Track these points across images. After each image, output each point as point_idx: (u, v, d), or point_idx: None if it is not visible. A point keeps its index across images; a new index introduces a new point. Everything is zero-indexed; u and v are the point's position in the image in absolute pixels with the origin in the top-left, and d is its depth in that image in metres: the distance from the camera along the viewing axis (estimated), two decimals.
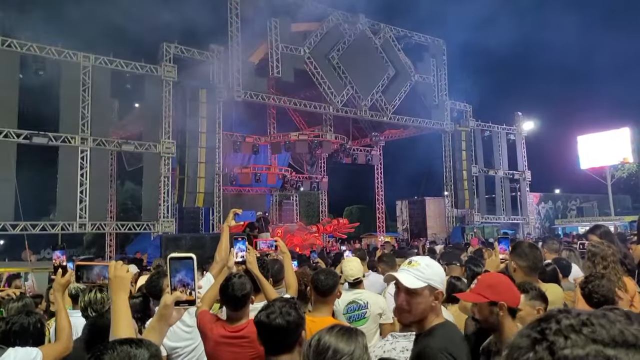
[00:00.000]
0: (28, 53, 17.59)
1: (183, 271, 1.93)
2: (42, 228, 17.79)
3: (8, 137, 16.91)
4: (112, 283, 2.09)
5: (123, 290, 2.09)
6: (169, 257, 1.95)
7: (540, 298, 3.13)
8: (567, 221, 34.72)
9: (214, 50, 21.50)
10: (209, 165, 20.99)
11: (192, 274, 1.94)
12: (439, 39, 29.10)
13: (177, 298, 1.91)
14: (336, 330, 1.99)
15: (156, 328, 1.98)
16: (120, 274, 2.09)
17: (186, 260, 1.94)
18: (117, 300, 2.06)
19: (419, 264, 2.36)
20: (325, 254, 16.32)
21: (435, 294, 2.33)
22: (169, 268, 1.94)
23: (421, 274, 2.30)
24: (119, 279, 2.08)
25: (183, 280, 1.93)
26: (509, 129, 31.81)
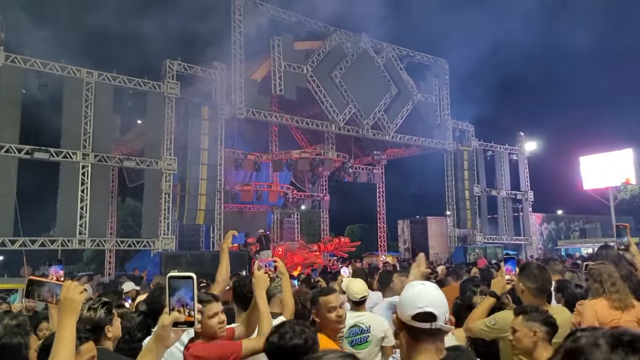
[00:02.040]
0: (31, 68, 17.64)
1: (182, 291, 1.86)
2: (41, 244, 17.67)
3: (9, 152, 16.88)
4: (62, 305, 1.97)
5: (71, 314, 1.97)
6: (168, 276, 1.88)
7: (540, 320, 3.03)
8: (570, 242, 34.54)
9: (217, 67, 21.56)
10: (210, 182, 20.92)
11: (192, 294, 1.86)
12: (441, 58, 29.24)
13: (176, 319, 1.83)
14: (338, 355, 1.89)
15: (153, 349, 1.90)
16: (72, 295, 1.97)
17: (186, 280, 1.86)
18: (62, 323, 1.95)
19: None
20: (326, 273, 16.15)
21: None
22: (167, 288, 1.87)
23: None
24: (69, 301, 1.96)
25: (182, 300, 1.85)
26: (512, 149, 31.79)
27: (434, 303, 2.09)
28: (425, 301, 2.08)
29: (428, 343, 2.08)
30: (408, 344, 2.14)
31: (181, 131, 20.74)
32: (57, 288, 2.08)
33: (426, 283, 2.29)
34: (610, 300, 4.02)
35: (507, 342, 3.37)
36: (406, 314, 2.08)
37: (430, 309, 2.06)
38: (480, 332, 3.61)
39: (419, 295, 2.11)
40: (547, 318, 3.05)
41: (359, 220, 45.87)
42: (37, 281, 2.18)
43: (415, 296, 2.12)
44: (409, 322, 2.08)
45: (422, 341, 2.08)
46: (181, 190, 20.71)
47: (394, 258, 27.78)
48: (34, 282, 2.18)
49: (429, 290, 2.17)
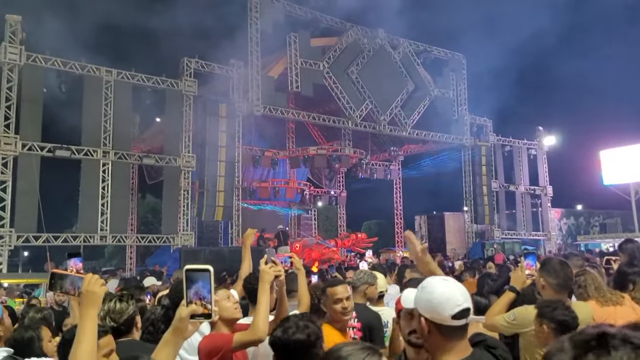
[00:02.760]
0: (52, 68, 17.92)
1: (200, 283, 1.90)
2: (64, 240, 17.97)
3: (32, 150, 17.17)
4: (83, 297, 1.99)
5: (93, 307, 1.99)
6: (185, 269, 1.92)
7: (548, 316, 3.03)
8: (589, 237, 34.08)
9: (234, 65, 21.67)
10: (228, 179, 21.07)
11: (209, 287, 1.90)
12: (458, 53, 29.04)
13: (193, 311, 1.87)
14: (359, 345, 1.91)
15: (171, 341, 1.93)
16: (93, 289, 2.00)
17: (203, 273, 1.90)
18: (84, 316, 1.97)
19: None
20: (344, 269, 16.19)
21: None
22: (184, 280, 1.90)
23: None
24: (90, 294, 1.99)
25: (199, 293, 1.89)
26: (530, 143, 31.50)
27: (468, 298, 2.05)
28: (462, 297, 2.02)
29: (458, 340, 2.04)
30: (438, 344, 2.05)
31: (199, 128, 20.89)
32: (79, 281, 2.09)
33: (448, 279, 2.22)
34: (598, 301, 4.09)
35: (527, 337, 3.39)
36: (445, 314, 1.99)
37: (467, 305, 2.01)
38: (500, 327, 3.63)
39: (454, 294, 2.04)
40: (556, 314, 3.01)
41: (376, 216, 45.82)
42: (60, 274, 2.19)
43: (450, 295, 2.03)
44: (447, 322, 1.99)
45: (453, 339, 2.03)
46: (199, 187, 20.89)
47: None
48: (56, 275, 2.19)
49: (458, 285, 2.11)
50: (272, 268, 3.16)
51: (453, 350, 2.03)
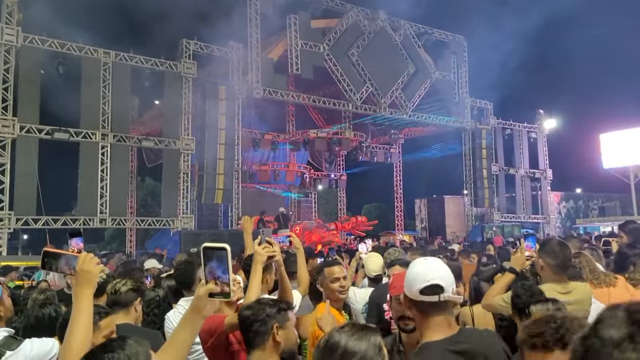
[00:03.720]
0: (49, 49, 17.77)
1: (216, 262, 1.87)
2: (63, 223, 17.97)
3: (30, 133, 17.10)
4: (78, 277, 1.97)
5: (88, 286, 1.98)
6: (202, 247, 1.89)
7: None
8: (588, 221, 34.14)
9: (233, 46, 21.50)
10: (228, 162, 21.03)
11: (226, 266, 1.87)
12: (459, 35, 28.82)
13: (211, 290, 1.85)
14: (347, 328, 1.90)
15: (189, 320, 1.91)
16: (88, 268, 1.98)
17: (219, 252, 1.88)
18: (79, 295, 1.96)
19: None
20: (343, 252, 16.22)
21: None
22: (202, 258, 1.87)
23: None
24: (85, 273, 1.97)
25: (216, 272, 1.87)
26: (531, 127, 31.41)
27: (440, 275, 2.16)
28: (431, 275, 2.15)
29: (438, 316, 2.14)
30: (419, 321, 2.20)
31: (198, 111, 20.80)
32: (74, 260, 2.04)
33: (429, 258, 2.36)
34: (592, 283, 4.14)
35: None
36: (414, 290, 2.15)
37: (437, 281, 2.13)
38: (498, 307, 3.63)
39: (425, 270, 2.19)
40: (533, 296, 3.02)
41: (376, 200, 45.84)
42: (53, 253, 2.12)
43: (421, 272, 2.19)
44: (418, 297, 2.14)
45: (432, 315, 2.14)
46: (199, 170, 20.87)
47: (411, 237, 27.80)
48: (49, 254, 2.12)
49: (433, 264, 2.24)
50: (266, 249, 3.15)
51: (434, 327, 2.14)
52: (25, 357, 2.82)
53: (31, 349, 2.86)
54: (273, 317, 2.42)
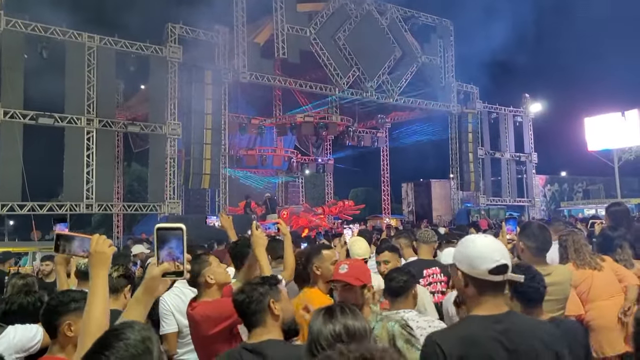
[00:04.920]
0: (33, 33, 17.53)
1: (172, 242, 1.86)
2: (49, 209, 17.87)
3: (14, 118, 16.92)
4: (92, 258, 1.98)
5: (102, 267, 1.98)
6: (156, 228, 1.87)
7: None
8: (572, 203, 34.60)
9: (219, 31, 21.33)
10: (215, 146, 20.97)
11: (182, 245, 1.87)
12: (446, 19, 28.81)
13: (166, 269, 1.85)
14: (337, 310, 1.96)
15: (141, 300, 1.91)
16: (102, 249, 1.98)
17: (175, 231, 1.87)
18: (95, 277, 1.96)
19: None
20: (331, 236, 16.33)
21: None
22: (156, 239, 1.86)
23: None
24: (99, 255, 1.97)
25: (172, 252, 1.86)
26: (516, 111, 31.58)
27: (505, 255, 2.11)
28: (499, 254, 2.07)
29: (494, 296, 2.09)
30: (472, 298, 2.12)
31: (185, 96, 20.68)
32: (87, 242, 2.04)
33: (488, 236, 2.28)
34: (575, 263, 4.34)
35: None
36: (482, 267, 2.05)
37: (504, 261, 2.07)
38: None
39: (493, 248, 2.10)
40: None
41: (363, 184, 46.00)
42: (65, 236, 2.09)
43: (489, 249, 2.09)
44: (485, 276, 2.05)
45: (487, 294, 2.08)
46: (186, 155, 20.81)
47: (398, 221, 27.98)
48: (61, 236, 2.08)
49: (496, 242, 2.17)
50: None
51: (487, 304, 2.08)
52: (8, 344, 2.83)
53: (14, 335, 2.88)
54: (267, 294, 2.48)
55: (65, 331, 2.50)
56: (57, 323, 2.53)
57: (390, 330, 2.81)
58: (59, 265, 3.22)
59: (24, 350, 2.91)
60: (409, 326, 2.84)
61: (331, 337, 1.90)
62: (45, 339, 2.90)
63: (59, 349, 2.55)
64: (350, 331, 1.89)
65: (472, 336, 2.00)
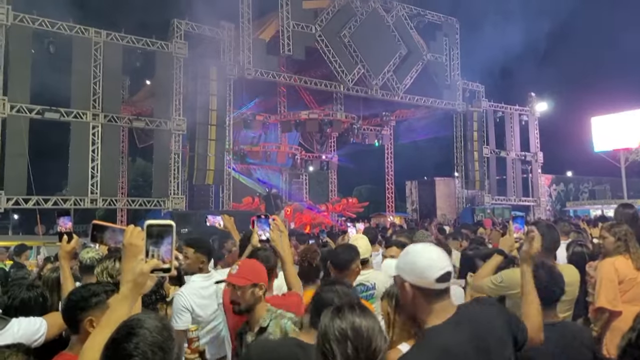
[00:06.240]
0: (40, 28, 17.57)
1: (161, 239, 1.85)
2: (54, 203, 17.91)
3: (20, 112, 16.97)
4: (125, 250, 1.95)
5: (134, 259, 1.93)
6: (146, 225, 1.85)
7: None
8: (578, 204, 34.42)
9: (225, 27, 21.33)
10: (219, 142, 20.97)
11: (171, 242, 1.86)
12: (452, 17, 28.71)
13: (155, 266, 1.84)
14: (346, 308, 1.93)
15: (129, 296, 1.87)
16: (135, 241, 1.94)
17: (165, 228, 1.86)
18: (125, 268, 1.94)
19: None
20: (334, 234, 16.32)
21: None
22: (146, 235, 1.85)
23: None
24: (132, 247, 1.94)
25: (160, 248, 1.85)
26: (522, 110, 31.48)
27: (449, 262, 2.13)
28: (444, 261, 2.10)
29: (442, 302, 2.11)
30: (423, 309, 2.12)
31: (190, 91, 20.68)
32: (120, 233, 2.03)
33: (431, 244, 2.29)
34: (631, 259, 4.03)
35: (513, 299, 3.45)
36: (429, 278, 2.06)
37: (449, 268, 2.10)
38: (486, 289, 3.69)
39: (438, 257, 2.12)
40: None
41: (367, 182, 45.90)
42: (100, 226, 2.12)
43: (434, 258, 2.11)
44: (432, 286, 2.07)
45: (436, 302, 2.10)
46: (190, 151, 20.81)
47: (402, 219, 27.96)
48: (97, 226, 2.11)
49: (439, 250, 2.18)
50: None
51: (438, 311, 2.10)
52: (13, 337, 2.82)
53: (19, 328, 2.86)
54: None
55: (87, 327, 2.43)
56: (79, 319, 2.47)
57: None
58: (63, 260, 3.19)
59: (28, 344, 2.90)
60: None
61: (338, 334, 1.87)
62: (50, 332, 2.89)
63: (81, 346, 2.50)
64: (357, 329, 1.86)
65: (446, 348, 2.02)
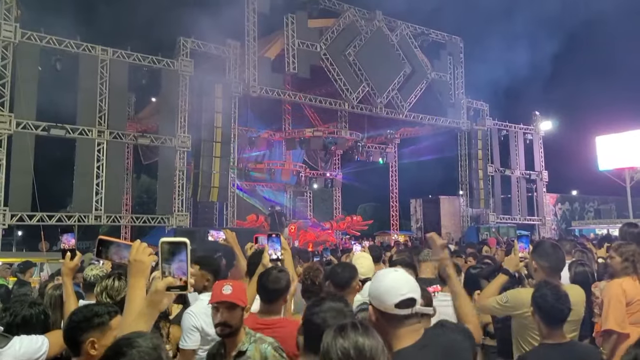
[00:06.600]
0: (47, 46, 17.74)
1: (176, 256, 1.85)
2: (58, 219, 17.93)
3: (27, 129, 17.06)
4: (131, 266, 1.97)
5: (141, 276, 1.97)
6: (160, 242, 1.86)
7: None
8: (584, 223, 34.22)
9: (230, 45, 21.51)
10: (224, 160, 21.01)
11: (185, 259, 1.86)
12: (456, 36, 28.87)
13: (170, 284, 1.84)
14: (349, 327, 1.91)
15: (146, 314, 1.88)
16: (141, 258, 1.97)
17: (179, 245, 1.86)
18: (132, 285, 1.97)
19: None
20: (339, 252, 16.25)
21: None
22: (160, 253, 1.85)
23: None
24: (138, 263, 1.96)
25: (175, 266, 1.85)
26: (527, 128, 31.49)
27: (414, 288, 2.12)
28: (406, 288, 2.10)
29: (408, 327, 2.11)
30: (387, 332, 2.10)
31: (195, 109, 20.78)
32: (126, 249, 2.04)
33: (399, 269, 2.29)
34: (638, 280, 3.95)
35: (519, 319, 3.41)
36: (388, 303, 2.08)
37: (411, 295, 2.09)
38: (491, 309, 3.65)
39: (399, 283, 2.12)
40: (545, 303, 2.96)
41: (371, 199, 45.85)
42: (107, 241, 2.10)
43: (395, 284, 2.11)
44: (392, 310, 2.08)
45: (399, 327, 2.10)
46: (195, 168, 20.85)
47: (406, 237, 27.84)
48: (103, 242, 2.10)
49: (406, 276, 2.18)
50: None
51: (403, 336, 2.11)
52: (14, 356, 2.79)
53: (20, 346, 2.83)
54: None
55: (89, 349, 2.37)
56: (80, 340, 2.41)
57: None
58: (66, 277, 3.17)
59: None
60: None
61: (340, 353, 1.85)
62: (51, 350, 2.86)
63: None
64: (360, 348, 1.84)
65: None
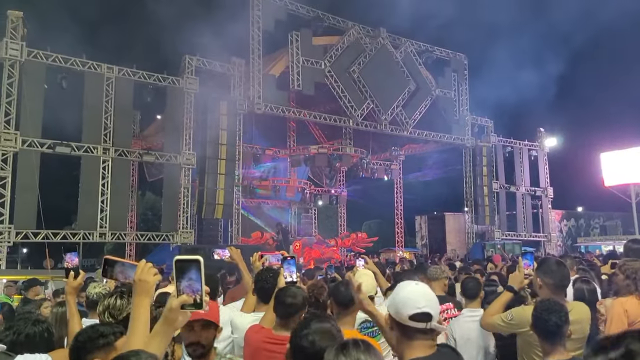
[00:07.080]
0: (53, 64, 17.89)
1: (190, 274, 1.84)
2: (63, 237, 17.94)
3: (32, 146, 17.15)
4: (135, 286, 1.98)
5: (146, 296, 1.98)
6: (175, 260, 1.86)
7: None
8: (590, 239, 34.01)
9: (235, 62, 21.67)
10: (229, 177, 21.05)
11: (199, 277, 1.85)
12: (460, 53, 29.01)
13: (184, 301, 1.83)
14: (351, 345, 1.89)
15: (161, 332, 1.89)
16: (145, 277, 1.98)
17: (193, 263, 1.85)
18: (137, 305, 1.98)
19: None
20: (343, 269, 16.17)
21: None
22: (175, 271, 1.85)
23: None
24: (143, 283, 1.98)
25: (191, 284, 1.84)
26: (531, 145, 31.47)
27: (431, 304, 2.16)
28: (424, 302, 2.14)
29: (418, 341, 2.15)
30: (400, 342, 2.21)
31: (200, 126, 20.88)
32: (131, 269, 2.06)
33: (420, 283, 2.34)
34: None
35: (524, 337, 3.37)
36: (404, 314, 2.13)
37: (428, 310, 2.12)
38: (496, 327, 3.62)
39: (417, 296, 2.16)
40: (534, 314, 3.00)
41: (376, 216, 45.72)
42: (112, 261, 2.14)
43: (412, 296, 2.16)
44: (405, 322, 2.13)
45: (413, 339, 2.15)
46: (200, 185, 20.87)
47: (411, 254, 27.72)
48: (108, 261, 2.13)
49: (425, 290, 2.23)
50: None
51: (415, 348, 2.16)
52: None
53: None
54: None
55: None
56: None
57: None
58: (69, 295, 3.16)
59: None
60: None
61: None
62: None
63: None
64: None
65: None
